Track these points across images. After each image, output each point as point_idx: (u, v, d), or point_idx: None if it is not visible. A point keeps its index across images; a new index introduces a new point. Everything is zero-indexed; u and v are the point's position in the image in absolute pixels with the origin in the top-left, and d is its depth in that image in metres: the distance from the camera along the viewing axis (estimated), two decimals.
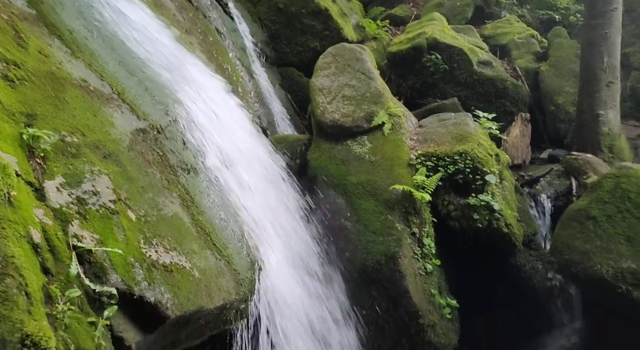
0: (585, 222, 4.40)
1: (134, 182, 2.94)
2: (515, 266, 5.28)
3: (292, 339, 4.34)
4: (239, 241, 3.91)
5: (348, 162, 5.28)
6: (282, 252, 4.63)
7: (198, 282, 3.07)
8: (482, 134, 5.46)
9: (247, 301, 3.86)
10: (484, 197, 4.96)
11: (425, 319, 4.71)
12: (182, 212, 3.35)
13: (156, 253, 2.81)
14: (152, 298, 2.62)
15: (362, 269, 4.74)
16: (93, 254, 2.41)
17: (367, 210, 4.96)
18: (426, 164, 5.14)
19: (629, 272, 4.07)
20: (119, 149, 2.97)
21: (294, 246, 4.79)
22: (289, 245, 4.74)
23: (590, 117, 6.09)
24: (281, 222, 4.84)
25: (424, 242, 4.97)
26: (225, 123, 4.83)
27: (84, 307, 2.28)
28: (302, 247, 4.85)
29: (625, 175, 4.38)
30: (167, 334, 3.02)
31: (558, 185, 5.62)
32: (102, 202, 2.60)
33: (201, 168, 3.94)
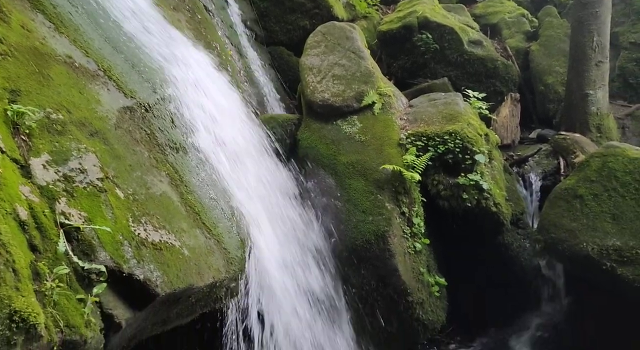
0: (572, 201, 4.45)
1: (122, 161, 2.92)
2: (503, 245, 5.34)
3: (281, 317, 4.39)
4: (229, 220, 3.91)
5: (338, 141, 5.27)
6: (271, 231, 4.65)
7: (187, 260, 3.07)
8: (472, 114, 5.46)
9: (238, 280, 3.88)
10: (473, 177, 4.99)
11: (414, 297, 4.78)
12: (171, 191, 3.33)
13: (145, 231, 2.80)
14: (141, 276, 2.62)
15: (352, 248, 4.77)
16: (81, 231, 2.40)
17: (357, 189, 4.97)
18: (416, 144, 5.15)
19: (613, 249, 4.14)
20: (106, 127, 2.93)
21: (284, 225, 4.80)
22: (278, 225, 4.75)
23: (579, 97, 6.11)
24: (271, 202, 4.85)
25: (414, 221, 5.00)
26: (215, 102, 4.79)
27: (72, 284, 2.28)
28: (292, 227, 4.87)
29: (612, 154, 4.42)
30: (157, 312, 3.03)
31: (546, 165, 5.67)
32: (90, 180, 2.58)
33: (190, 147, 3.91)
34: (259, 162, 4.97)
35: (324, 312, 4.73)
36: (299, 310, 4.58)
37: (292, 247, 4.76)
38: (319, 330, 4.67)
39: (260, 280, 4.20)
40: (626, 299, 4.30)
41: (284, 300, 4.46)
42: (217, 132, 4.55)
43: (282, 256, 4.63)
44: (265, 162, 5.10)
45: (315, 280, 4.75)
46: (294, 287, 4.61)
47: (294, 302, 4.56)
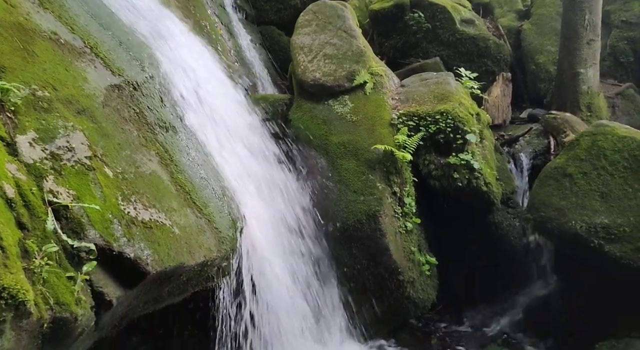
0: (561, 180, 4.48)
1: (110, 139, 2.89)
2: (493, 224, 5.39)
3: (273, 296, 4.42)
4: (220, 200, 3.90)
5: (329, 122, 5.25)
6: (263, 211, 4.65)
7: (178, 239, 3.07)
8: (463, 94, 5.45)
9: (229, 259, 3.89)
10: (464, 156, 5.00)
11: (405, 276, 4.82)
12: (160, 170, 3.31)
13: (135, 210, 2.79)
14: (131, 254, 2.62)
15: (344, 228, 4.79)
16: (70, 210, 2.38)
17: (349, 170, 4.97)
18: (408, 124, 5.14)
19: (601, 227, 4.19)
20: (94, 105, 2.89)
21: (276, 206, 4.80)
22: (270, 205, 4.75)
23: (570, 76, 6.11)
24: (262, 182, 4.84)
25: (405, 201, 5.02)
26: (205, 81, 4.74)
27: (62, 262, 2.27)
28: (284, 207, 4.87)
29: (602, 133, 4.43)
30: (148, 290, 3.03)
31: (537, 145, 5.69)
32: (78, 158, 2.55)
33: (180, 126, 3.88)
34: (250, 142, 4.95)
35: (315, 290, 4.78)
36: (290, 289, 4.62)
37: (283, 227, 4.77)
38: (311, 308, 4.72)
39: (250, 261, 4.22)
40: (613, 276, 4.37)
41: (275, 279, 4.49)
42: (207, 112, 4.51)
43: (272, 236, 4.65)
44: (256, 142, 5.08)
45: (306, 260, 4.78)
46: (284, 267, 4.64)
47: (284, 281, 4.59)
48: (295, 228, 4.84)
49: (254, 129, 5.09)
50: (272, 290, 4.43)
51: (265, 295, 4.36)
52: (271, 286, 4.42)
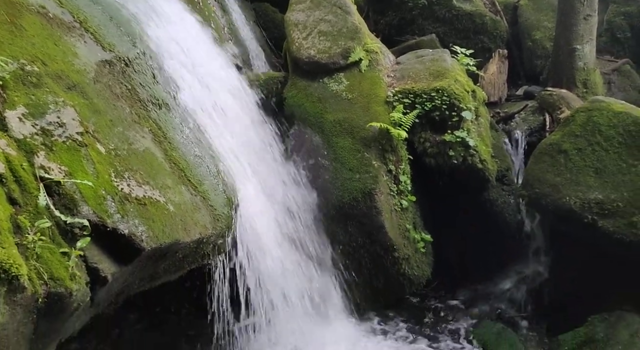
0: (556, 156, 4.48)
1: (102, 115, 2.85)
2: (488, 201, 5.40)
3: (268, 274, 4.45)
4: (215, 178, 3.89)
5: (325, 99, 5.22)
6: (258, 190, 4.64)
7: (173, 216, 3.06)
8: (459, 70, 5.41)
9: (225, 237, 3.90)
10: (460, 134, 4.98)
11: (400, 253, 4.86)
12: (154, 147, 3.28)
13: (128, 187, 2.78)
14: (125, 230, 2.61)
15: (339, 206, 4.80)
16: (62, 185, 2.36)
17: (344, 148, 4.96)
18: (403, 101, 5.11)
19: (595, 203, 4.20)
20: (84, 81, 2.85)
21: (271, 184, 4.80)
22: (265, 183, 4.74)
23: (566, 52, 6.06)
24: (257, 160, 4.83)
25: (400, 179, 5.03)
26: (198, 58, 4.68)
27: (55, 238, 2.27)
28: (279, 185, 4.87)
29: (597, 108, 4.42)
30: (144, 267, 3.04)
31: (532, 122, 5.68)
32: (69, 134, 2.53)
33: (173, 104, 3.84)
34: (245, 121, 4.92)
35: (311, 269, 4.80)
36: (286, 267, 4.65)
37: (278, 206, 4.77)
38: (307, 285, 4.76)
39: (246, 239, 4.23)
40: (606, 251, 4.41)
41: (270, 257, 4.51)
42: (201, 90, 4.47)
43: (267, 214, 4.66)
44: (252, 121, 5.05)
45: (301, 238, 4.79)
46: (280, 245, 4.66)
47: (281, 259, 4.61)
48: (291, 206, 4.85)
49: (248, 107, 5.05)
50: (268, 268, 4.45)
51: (261, 273, 4.38)
52: (266, 264, 4.44)
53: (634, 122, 4.24)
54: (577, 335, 4.23)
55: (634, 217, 4.04)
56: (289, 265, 4.67)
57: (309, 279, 4.75)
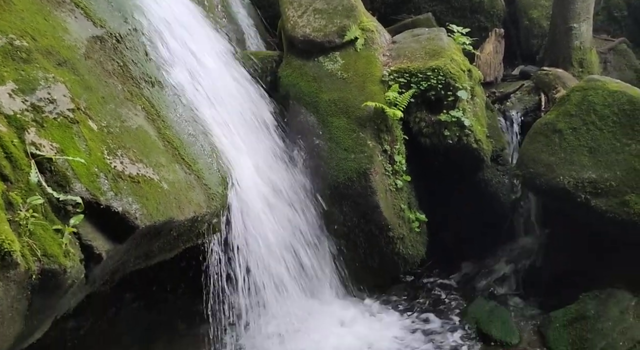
0: (551, 136, 4.48)
1: (94, 92, 2.82)
2: (482, 181, 5.42)
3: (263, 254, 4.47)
4: (209, 157, 3.88)
5: (320, 79, 5.17)
6: (253, 169, 4.63)
7: (167, 194, 3.06)
8: (455, 49, 5.37)
9: (219, 216, 3.91)
10: (455, 113, 4.97)
11: (395, 233, 4.88)
12: (147, 125, 3.26)
13: (121, 164, 2.76)
14: (119, 208, 2.61)
15: (334, 186, 4.80)
16: (54, 162, 2.35)
17: (339, 128, 4.94)
18: (399, 81, 5.08)
19: (588, 182, 4.22)
20: (75, 57, 2.81)
21: (264, 163, 4.79)
22: (259, 163, 4.73)
23: (563, 31, 6.02)
24: (252, 140, 4.80)
25: (395, 159, 5.02)
26: (191, 36, 4.62)
27: (48, 215, 2.26)
28: (273, 165, 4.86)
29: (593, 87, 4.40)
30: (138, 245, 3.04)
31: (528, 101, 5.66)
32: (60, 111, 2.50)
33: (166, 81, 3.81)
34: (239, 100, 4.88)
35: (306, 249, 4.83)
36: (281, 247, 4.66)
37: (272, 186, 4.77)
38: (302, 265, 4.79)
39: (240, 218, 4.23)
40: (599, 231, 4.44)
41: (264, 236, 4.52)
42: (195, 68, 4.42)
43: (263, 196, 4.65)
44: (246, 100, 5.01)
45: (296, 218, 4.81)
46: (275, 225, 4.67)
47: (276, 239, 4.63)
48: (285, 186, 4.85)
49: (242, 85, 5.00)
50: (263, 248, 4.47)
51: (256, 253, 4.40)
52: (261, 244, 4.46)
53: (628, 101, 4.23)
54: (569, 312, 4.28)
55: (627, 196, 4.06)
56: (284, 245, 4.69)
57: (304, 259, 4.78)
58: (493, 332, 4.40)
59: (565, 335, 4.10)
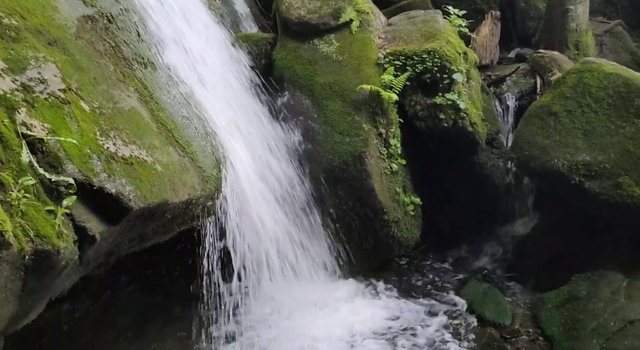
0: (546, 118, 4.47)
1: (85, 73, 2.79)
2: (477, 164, 5.42)
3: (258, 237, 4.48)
4: (203, 139, 3.85)
5: (315, 61, 5.14)
6: (247, 152, 4.61)
7: (161, 176, 3.04)
8: (451, 32, 5.33)
9: (214, 199, 3.89)
10: (451, 96, 4.95)
11: (390, 216, 4.89)
12: (140, 106, 3.23)
13: (114, 146, 2.74)
14: (112, 189, 2.59)
15: (329, 170, 4.79)
16: (45, 143, 2.32)
17: (334, 111, 4.91)
18: (394, 63, 5.05)
19: (582, 164, 4.22)
20: (66, 36, 2.76)
21: (259, 147, 4.77)
22: (254, 146, 4.71)
23: (559, 13, 5.98)
24: (247, 123, 4.78)
25: (390, 142, 5.01)
26: (184, 17, 4.56)
27: (40, 195, 2.24)
28: (267, 148, 4.84)
29: (588, 70, 4.38)
30: (133, 227, 3.03)
31: (523, 84, 5.65)
32: (51, 91, 2.47)
33: (159, 63, 3.77)
34: (233, 83, 4.84)
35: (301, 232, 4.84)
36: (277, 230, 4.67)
37: (267, 169, 4.76)
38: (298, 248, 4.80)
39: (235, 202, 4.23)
40: (593, 214, 4.47)
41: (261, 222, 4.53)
42: (188, 49, 4.37)
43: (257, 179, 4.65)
44: (240, 83, 4.97)
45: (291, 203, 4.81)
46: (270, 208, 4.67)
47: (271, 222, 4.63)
48: (281, 170, 4.84)
49: (236, 68, 4.96)
50: (258, 231, 4.47)
51: (250, 236, 4.41)
52: (256, 227, 4.47)
53: (624, 84, 4.22)
54: (561, 294, 4.33)
55: (620, 178, 4.07)
56: (279, 228, 4.69)
57: (299, 241, 4.79)
58: (486, 313, 4.44)
59: (557, 316, 4.15)
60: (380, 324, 4.40)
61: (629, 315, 3.77)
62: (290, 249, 4.75)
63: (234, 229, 4.26)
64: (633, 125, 4.11)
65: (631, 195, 4.05)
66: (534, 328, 4.27)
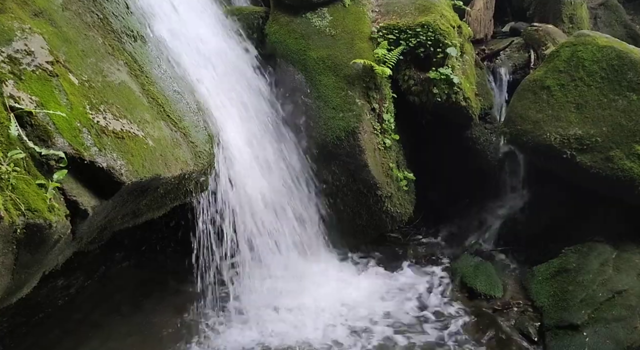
0: (539, 92, 4.46)
1: (73, 45, 2.74)
2: (470, 139, 5.42)
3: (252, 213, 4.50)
4: (195, 114, 3.82)
5: (308, 36, 5.07)
6: (240, 127, 4.59)
7: (153, 151, 3.02)
8: (445, 5, 5.27)
9: (207, 174, 3.89)
10: (444, 71, 4.92)
11: (383, 191, 4.91)
12: (130, 80, 3.19)
13: (105, 119, 2.71)
14: (104, 164, 2.58)
15: (322, 145, 4.78)
16: (34, 116, 2.30)
17: (327, 86, 4.88)
18: (388, 37, 5.00)
19: (574, 138, 4.23)
20: (52, 7, 2.71)
21: (253, 122, 4.74)
22: (247, 121, 4.69)
23: None
24: (239, 98, 4.74)
25: (384, 117, 5.00)
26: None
27: (30, 169, 2.23)
28: (261, 124, 4.82)
29: (582, 43, 4.36)
30: (125, 202, 3.03)
31: (517, 59, 5.61)
32: (38, 63, 2.42)
33: (149, 36, 3.71)
34: (225, 57, 4.77)
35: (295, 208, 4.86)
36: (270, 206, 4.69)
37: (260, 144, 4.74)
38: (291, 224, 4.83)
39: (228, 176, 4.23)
40: (584, 188, 4.50)
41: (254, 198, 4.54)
42: (178, 23, 4.30)
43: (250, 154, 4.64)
44: (232, 57, 4.90)
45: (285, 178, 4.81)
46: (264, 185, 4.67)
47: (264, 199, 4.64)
48: (274, 146, 4.83)
49: (227, 42, 4.89)
50: (251, 207, 4.49)
51: (244, 212, 4.42)
52: (250, 203, 4.48)
53: (617, 57, 4.20)
54: (551, 266, 4.39)
55: (611, 151, 4.09)
56: (272, 204, 4.71)
57: (293, 216, 4.81)
58: (478, 286, 4.51)
59: (547, 288, 4.22)
60: (371, 296, 4.46)
61: (616, 286, 3.84)
62: (285, 223, 4.77)
63: (227, 203, 4.27)
64: (625, 99, 4.11)
65: (622, 168, 4.08)
66: (524, 300, 4.35)
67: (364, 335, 4.01)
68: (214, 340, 3.96)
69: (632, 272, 3.90)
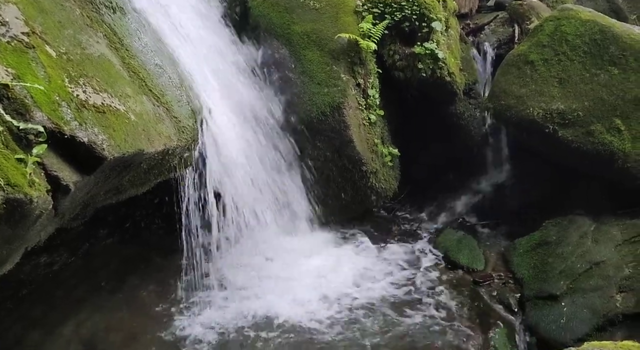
0: (523, 67, 4.48)
1: (49, 16, 2.65)
2: (455, 114, 5.44)
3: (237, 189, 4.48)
4: (178, 89, 3.76)
5: (292, 9, 4.99)
6: (224, 103, 4.54)
7: (135, 126, 2.98)
8: None
9: (191, 149, 3.85)
10: (429, 45, 4.90)
11: (368, 167, 4.92)
12: (110, 53, 3.12)
13: (84, 93, 2.66)
14: (85, 138, 2.53)
15: (307, 121, 4.76)
16: (10, 89, 2.23)
17: (312, 61, 4.83)
18: (372, 11, 4.94)
19: (557, 113, 4.28)
20: None
21: (236, 98, 4.69)
22: (230, 97, 4.63)
23: None
24: (222, 73, 4.67)
25: (369, 93, 4.98)
26: None
27: (9, 144, 2.17)
28: (245, 99, 4.76)
29: (566, 17, 4.36)
30: (108, 178, 3.00)
31: (502, 33, 5.61)
32: (14, 34, 2.35)
33: (128, 8, 3.61)
34: (207, 30, 4.68)
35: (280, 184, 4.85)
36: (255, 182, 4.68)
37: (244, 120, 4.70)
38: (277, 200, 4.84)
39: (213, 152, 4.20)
40: (564, 163, 4.57)
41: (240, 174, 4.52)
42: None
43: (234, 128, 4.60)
44: (214, 31, 4.81)
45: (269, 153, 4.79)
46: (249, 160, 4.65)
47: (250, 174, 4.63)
48: (259, 122, 4.79)
49: (210, 14, 4.79)
50: (236, 183, 4.47)
51: (230, 188, 4.41)
52: (235, 179, 4.46)
53: (600, 31, 4.23)
54: (532, 239, 4.48)
55: (592, 125, 4.15)
56: (258, 181, 4.70)
57: (278, 193, 4.82)
58: (461, 259, 4.59)
59: (527, 260, 4.31)
60: (355, 271, 4.51)
61: (594, 258, 3.93)
62: (271, 199, 4.78)
63: (213, 180, 4.25)
64: (607, 73, 4.15)
65: (602, 142, 4.14)
66: (505, 272, 4.44)
67: (345, 302, 4.07)
68: (199, 314, 3.98)
69: (610, 244, 3.99)
